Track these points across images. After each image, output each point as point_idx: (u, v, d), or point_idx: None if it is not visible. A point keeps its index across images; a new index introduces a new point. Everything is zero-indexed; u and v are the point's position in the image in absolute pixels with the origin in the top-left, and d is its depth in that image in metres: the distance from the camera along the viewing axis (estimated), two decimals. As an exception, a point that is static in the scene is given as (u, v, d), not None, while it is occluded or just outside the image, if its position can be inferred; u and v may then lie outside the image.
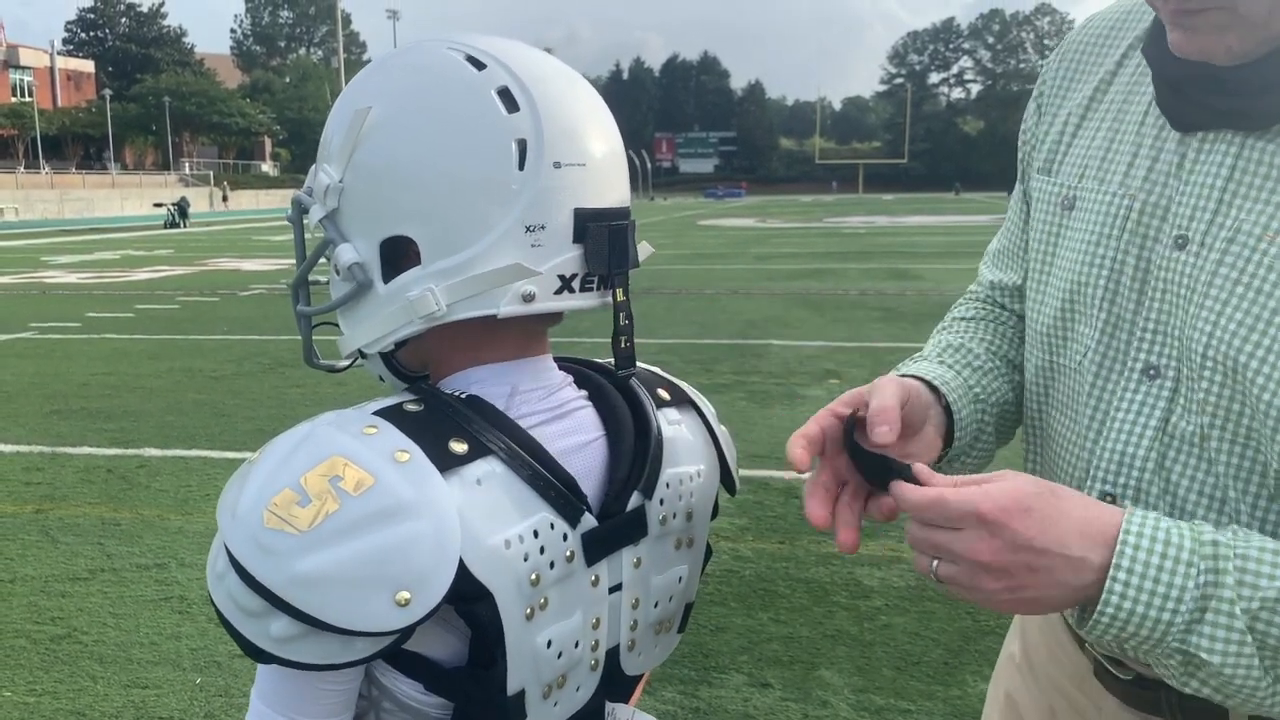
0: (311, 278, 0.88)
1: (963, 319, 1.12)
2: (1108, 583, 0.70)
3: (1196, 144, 0.84)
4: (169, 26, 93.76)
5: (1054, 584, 0.72)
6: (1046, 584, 0.72)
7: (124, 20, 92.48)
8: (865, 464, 0.83)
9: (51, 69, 73.78)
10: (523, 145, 0.77)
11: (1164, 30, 0.84)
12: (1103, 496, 0.88)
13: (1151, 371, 0.86)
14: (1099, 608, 0.71)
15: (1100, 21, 1.00)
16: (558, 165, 0.77)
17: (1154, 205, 0.86)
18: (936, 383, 0.96)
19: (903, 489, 0.76)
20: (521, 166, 0.76)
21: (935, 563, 0.74)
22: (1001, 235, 1.12)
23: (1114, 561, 0.70)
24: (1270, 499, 0.80)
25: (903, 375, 0.97)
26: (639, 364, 0.91)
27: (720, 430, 0.98)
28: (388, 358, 0.87)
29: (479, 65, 0.78)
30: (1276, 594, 0.69)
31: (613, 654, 0.87)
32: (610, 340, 0.85)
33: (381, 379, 0.89)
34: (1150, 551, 0.71)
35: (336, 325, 0.86)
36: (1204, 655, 0.70)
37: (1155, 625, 0.71)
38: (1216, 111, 0.81)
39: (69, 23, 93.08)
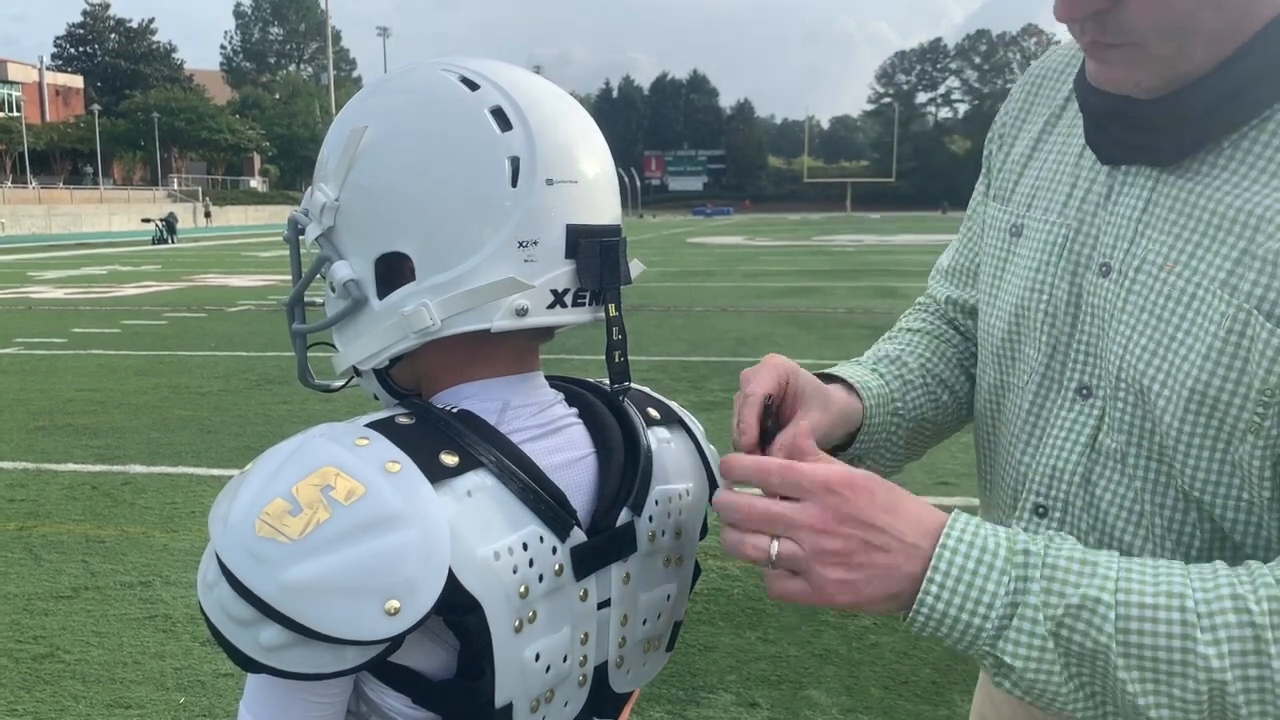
0: (307, 298, 0.89)
1: (909, 330, 1.17)
2: (924, 584, 0.73)
3: (1121, 176, 0.89)
4: (158, 42, 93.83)
5: (888, 568, 0.73)
6: (882, 567, 0.73)
7: (113, 36, 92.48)
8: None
9: (40, 84, 73.66)
10: (515, 163, 0.78)
11: None
12: (1035, 509, 0.93)
13: (1085, 391, 0.90)
14: (915, 607, 0.73)
15: (1057, 55, 1.04)
16: (550, 182, 0.79)
17: (1086, 234, 0.91)
18: (856, 385, 1.02)
19: (751, 458, 0.76)
20: (514, 183, 0.78)
21: (775, 543, 0.74)
22: (958, 253, 1.16)
23: (931, 564, 0.73)
24: (1183, 512, 0.83)
25: (828, 373, 1.05)
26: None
27: (710, 449, 0.98)
28: (382, 376, 0.87)
29: (473, 86, 0.80)
30: (1079, 601, 0.71)
31: (601, 670, 0.87)
32: (604, 356, 0.86)
33: (376, 397, 0.89)
34: (967, 557, 0.73)
35: (331, 344, 0.86)
36: (1008, 660, 0.72)
37: (967, 629, 0.73)
38: (1131, 146, 0.86)
39: (58, 38, 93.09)
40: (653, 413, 0.93)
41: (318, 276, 0.85)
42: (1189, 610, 0.69)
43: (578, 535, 0.81)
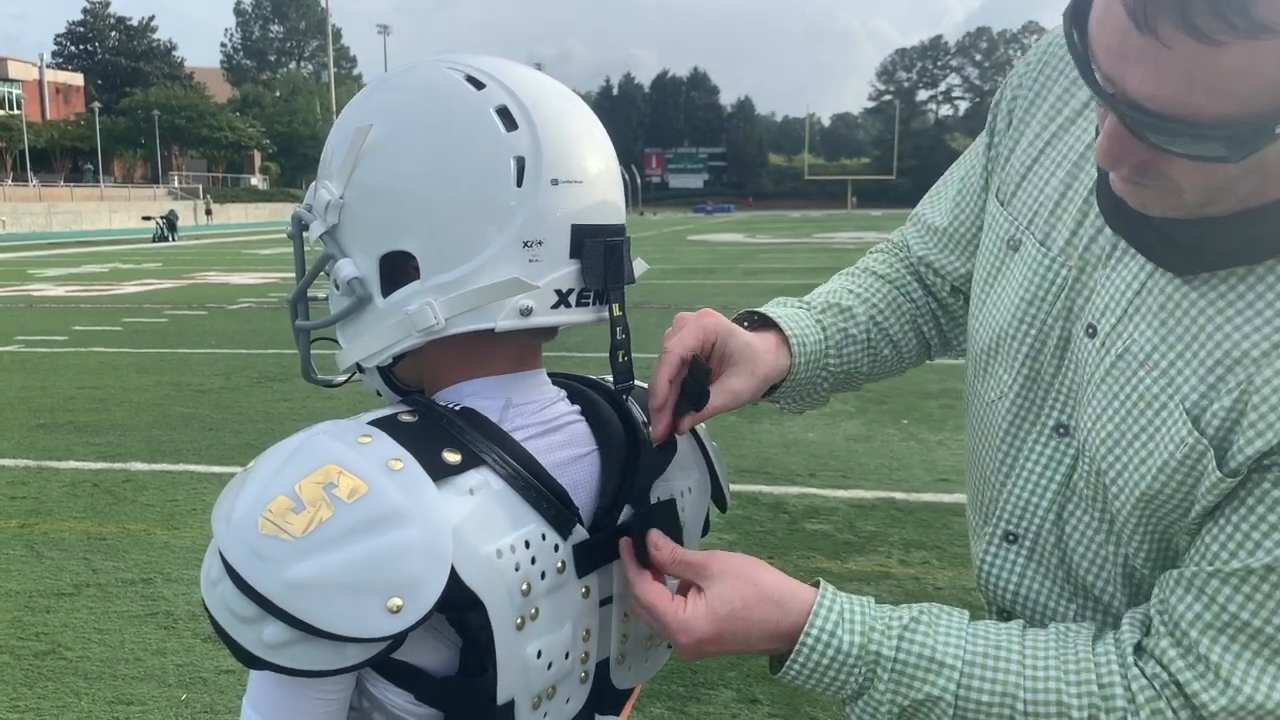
0: (310, 293, 0.89)
1: (873, 273, 1.15)
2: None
3: (1124, 244, 0.86)
4: (159, 40, 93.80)
5: (752, 653, 0.86)
6: (747, 653, 0.85)
7: (114, 34, 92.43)
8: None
9: (40, 82, 73.62)
10: (521, 163, 0.78)
11: None
12: (1006, 535, 0.97)
13: (1062, 430, 0.91)
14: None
15: None
16: (555, 182, 0.79)
17: (1083, 284, 0.89)
18: (791, 341, 1.02)
19: (637, 588, 0.84)
20: (520, 183, 0.78)
21: None
22: (948, 216, 1.10)
23: (791, 656, 0.83)
24: (1138, 570, 0.87)
25: (763, 312, 1.04)
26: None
27: (711, 446, 0.99)
28: (385, 372, 0.87)
29: (478, 85, 0.79)
30: (923, 698, 0.82)
31: (602, 667, 0.87)
32: (608, 356, 0.86)
33: (378, 394, 0.90)
34: (822, 655, 0.83)
35: (334, 340, 0.86)
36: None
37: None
38: (1139, 238, 0.83)
39: (58, 36, 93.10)
40: (655, 410, 0.93)
41: (321, 273, 0.85)
42: (1018, 712, 0.80)
43: (580, 533, 0.81)
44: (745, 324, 1.03)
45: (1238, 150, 0.66)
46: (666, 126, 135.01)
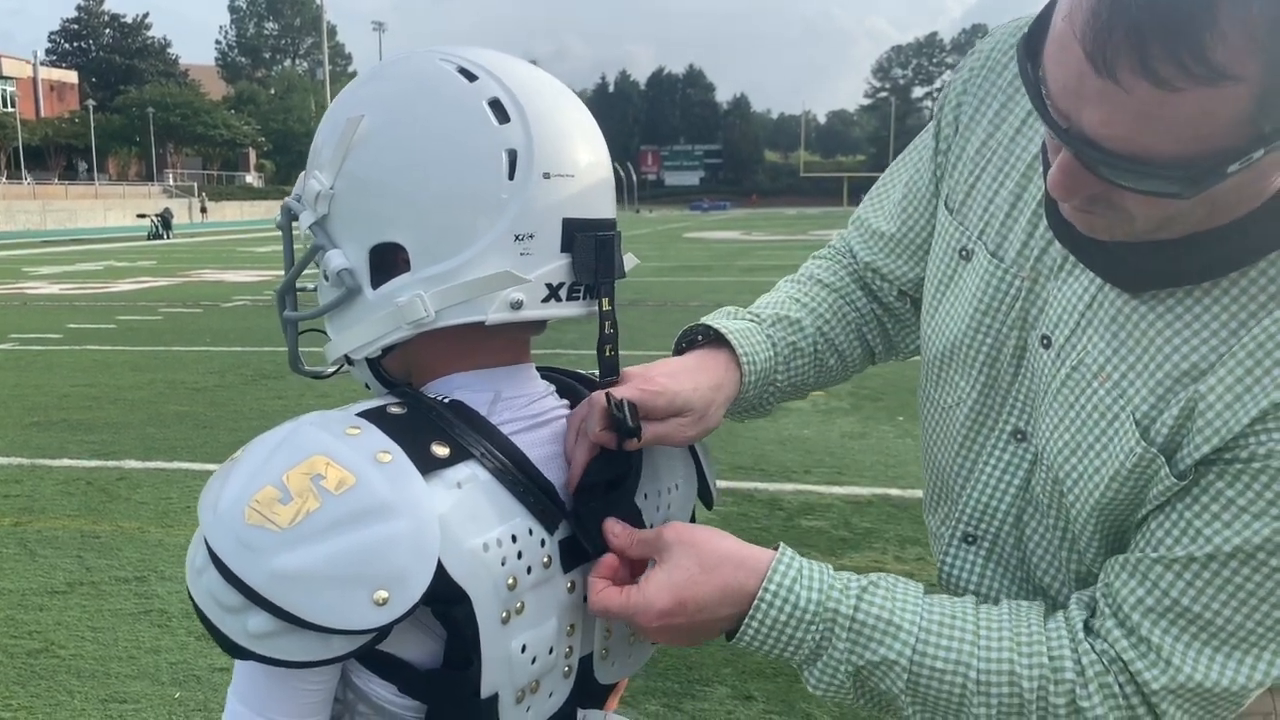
0: (298, 285, 0.88)
1: (819, 283, 1.14)
2: (742, 627, 0.83)
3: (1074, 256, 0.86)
4: (153, 37, 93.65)
5: (710, 632, 0.85)
6: (705, 634, 0.85)
7: (108, 31, 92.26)
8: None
9: (34, 79, 73.41)
10: (513, 155, 0.77)
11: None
12: (965, 536, 0.99)
13: (1020, 435, 0.93)
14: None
15: (1016, 39, 0.95)
16: (547, 176, 0.78)
17: (1036, 295, 0.90)
18: (744, 363, 1.00)
19: (590, 605, 0.83)
20: (512, 176, 0.77)
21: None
22: (896, 221, 1.09)
23: (749, 613, 0.83)
24: (1094, 573, 0.89)
25: (721, 325, 1.02)
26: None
27: (699, 444, 0.98)
28: (374, 364, 0.87)
29: (470, 77, 0.79)
30: (879, 659, 0.82)
31: (586, 661, 0.87)
32: (595, 350, 0.86)
33: (367, 386, 0.89)
34: (780, 611, 0.83)
35: (323, 331, 0.86)
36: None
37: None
38: (1087, 256, 0.83)
39: (52, 33, 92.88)
40: (644, 405, 0.93)
41: (311, 265, 0.85)
42: (970, 679, 0.82)
43: (566, 528, 0.81)
44: (699, 337, 1.03)
45: (1190, 188, 0.67)
46: (662, 124, 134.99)
